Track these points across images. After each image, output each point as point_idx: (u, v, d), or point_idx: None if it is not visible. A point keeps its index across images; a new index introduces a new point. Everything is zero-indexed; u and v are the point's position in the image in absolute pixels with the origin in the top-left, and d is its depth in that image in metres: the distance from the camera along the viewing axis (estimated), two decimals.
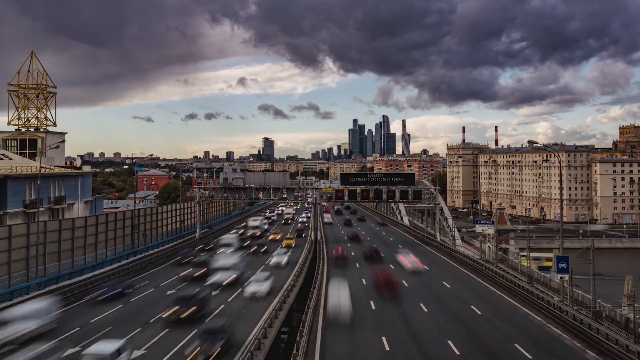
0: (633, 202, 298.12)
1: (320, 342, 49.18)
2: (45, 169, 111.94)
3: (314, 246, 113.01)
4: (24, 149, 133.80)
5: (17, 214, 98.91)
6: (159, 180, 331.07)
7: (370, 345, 48.58)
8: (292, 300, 66.18)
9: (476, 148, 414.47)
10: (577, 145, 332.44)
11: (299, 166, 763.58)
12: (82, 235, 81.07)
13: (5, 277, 62.36)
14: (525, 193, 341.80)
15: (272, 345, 49.11)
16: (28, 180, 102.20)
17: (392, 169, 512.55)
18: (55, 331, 50.11)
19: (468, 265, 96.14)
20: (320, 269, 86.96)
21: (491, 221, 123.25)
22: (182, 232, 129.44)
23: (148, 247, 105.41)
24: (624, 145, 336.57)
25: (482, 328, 55.06)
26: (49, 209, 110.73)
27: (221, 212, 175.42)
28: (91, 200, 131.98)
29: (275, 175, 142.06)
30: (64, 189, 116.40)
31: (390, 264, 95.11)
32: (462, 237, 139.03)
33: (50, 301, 53.57)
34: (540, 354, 46.91)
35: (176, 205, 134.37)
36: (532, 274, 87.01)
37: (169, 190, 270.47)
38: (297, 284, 74.32)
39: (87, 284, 71.82)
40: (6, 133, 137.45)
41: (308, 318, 53.85)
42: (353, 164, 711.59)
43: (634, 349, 44.89)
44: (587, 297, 66.53)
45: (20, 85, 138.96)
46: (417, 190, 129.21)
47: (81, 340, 47.37)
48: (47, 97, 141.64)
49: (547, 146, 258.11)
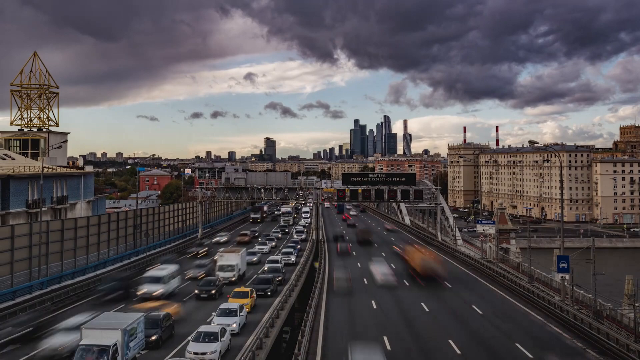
0: (633, 202, 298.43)
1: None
2: (48, 169, 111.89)
3: (316, 246, 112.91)
4: (26, 149, 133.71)
5: (19, 213, 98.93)
6: (161, 180, 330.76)
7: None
8: (294, 300, 66.18)
9: (477, 148, 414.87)
10: (577, 145, 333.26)
11: (301, 166, 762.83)
12: (84, 235, 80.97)
13: (8, 277, 62.28)
14: (526, 193, 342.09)
15: (274, 345, 49.06)
16: (31, 180, 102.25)
17: (394, 169, 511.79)
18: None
19: (469, 264, 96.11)
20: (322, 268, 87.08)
21: (492, 221, 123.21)
22: (184, 232, 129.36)
23: (150, 246, 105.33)
24: (625, 145, 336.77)
25: (483, 327, 55.07)
26: (52, 209, 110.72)
27: (223, 212, 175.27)
28: (93, 200, 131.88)
29: (277, 175, 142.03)
30: (66, 189, 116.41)
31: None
32: (463, 237, 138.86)
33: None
34: (541, 353, 46.87)
35: (178, 205, 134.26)
36: (533, 274, 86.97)
37: (171, 190, 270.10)
38: (299, 283, 74.28)
39: (89, 283, 71.76)
40: (9, 133, 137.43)
41: (310, 317, 53.85)
42: (354, 163, 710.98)
43: (634, 348, 44.85)
44: (588, 297, 66.45)
45: (23, 86, 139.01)
46: (419, 190, 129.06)
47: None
48: (50, 97, 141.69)
49: (547, 146, 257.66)
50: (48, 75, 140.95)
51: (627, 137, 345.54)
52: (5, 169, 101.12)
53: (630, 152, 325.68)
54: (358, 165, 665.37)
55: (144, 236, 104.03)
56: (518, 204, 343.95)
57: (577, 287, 71.34)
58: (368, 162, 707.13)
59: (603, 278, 73.38)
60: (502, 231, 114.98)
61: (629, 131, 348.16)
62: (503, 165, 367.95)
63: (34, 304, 58.33)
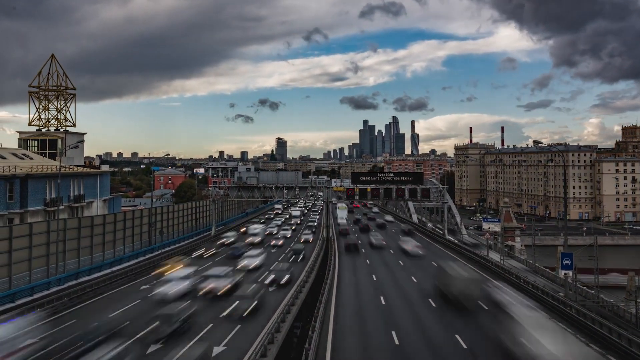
0: (635, 200, 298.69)
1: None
2: (65, 169, 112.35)
3: (326, 244, 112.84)
4: (44, 149, 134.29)
5: (37, 212, 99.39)
6: (175, 179, 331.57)
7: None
8: (305, 295, 66.07)
9: (483, 148, 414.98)
10: (581, 145, 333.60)
11: (311, 166, 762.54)
12: (100, 233, 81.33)
13: (27, 274, 62.63)
14: (530, 191, 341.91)
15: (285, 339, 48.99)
16: (48, 179, 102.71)
17: (402, 168, 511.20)
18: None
19: (475, 261, 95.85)
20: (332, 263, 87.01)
21: (497, 219, 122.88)
22: (198, 230, 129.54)
23: (164, 244, 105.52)
24: (626, 145, 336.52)
25: (489, 322, 54.84)
26: (69, 207, 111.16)
27: (235, 210, 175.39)
28: (109, 199, 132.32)
29: (288, 175, 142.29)
30: (83, 188, 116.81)
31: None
32: (469, 234, 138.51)
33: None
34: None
35: (192, 203, 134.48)
36: (537, 270, 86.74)
37: (185, 189, 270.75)
38: (310, 279, 74.16)
39: (105, 280, 71.92)
40: (27, 133, 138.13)
41: (320, 312, 53.77)
42: (364, 163, 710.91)
43: (636, 342, 44.67)
44: (591, 293, 66.17)
45: (41, 87, 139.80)
46: (426, 189, 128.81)
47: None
48: (67, 99, 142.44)
49: (551, 146, 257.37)
50: (65, 77, 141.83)
51: (628, 137, 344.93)
52: (23, 169, 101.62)
53: (632, 152, 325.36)
54: (367, 165, 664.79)
55: (159, 234, 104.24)
56: (523, 203, 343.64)
57: (580, 283, 71.08)
58: (377, 161, 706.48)
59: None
60: (507, 229, 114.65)
61: (630, 132, 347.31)
62: (508, 164, 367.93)
63: (52, 299, 58.41)
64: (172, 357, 39.31)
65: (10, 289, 58.52)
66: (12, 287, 59.34)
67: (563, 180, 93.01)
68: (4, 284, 58.68)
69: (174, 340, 45.07)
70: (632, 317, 55.10)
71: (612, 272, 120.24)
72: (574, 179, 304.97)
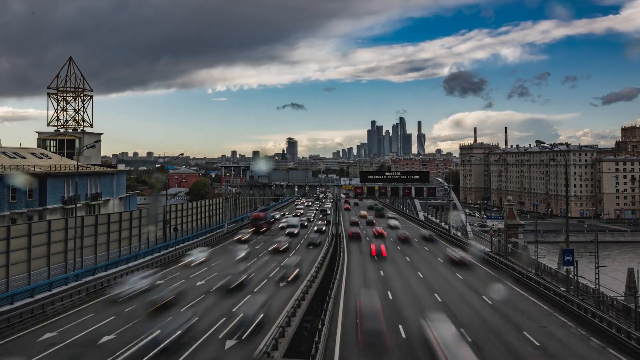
0: (635, 198, 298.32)
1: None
2: (83, 168, 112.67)
3: (334, 240, 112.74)
4: (62, 148, 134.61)
5: (56, 209, 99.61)
6: (189, 178, 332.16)
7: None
8: (314, 290, 66.04)
9: (487, 148, 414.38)
10: (582, 145, 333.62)
11: (321, 165, 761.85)
12: (116, 230, 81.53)
13: (45, 269, 62.77)
14: (533, 190, 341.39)
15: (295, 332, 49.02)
16: (66, 178, 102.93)
17: (409, 167, 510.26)
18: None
19: (479, 257, 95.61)
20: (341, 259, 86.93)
21: (501, 216, 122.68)
22: (211, 227, 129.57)
23: (179, 240, 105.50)
24: (626, 145, 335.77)
25: (492, 316, 54.75)
26: (86, 205, 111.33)
27: (247, 208, 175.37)
28: (125, 197, 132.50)
29: (298, 173, 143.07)
30: (100, 186, 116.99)
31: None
32: (473, 231, 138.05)
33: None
34: (547, 340, 46.56)
35: (205, 201, 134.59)
36: (540, 266, 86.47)
37: (199, 188, 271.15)
38: (319, 275, 74.12)
39: (122, 275, 72.00)
40: (46, 134, 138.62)
41: (329, 307, 53.72)
42: (372, 162, 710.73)
43: (635, 335, 44.54)
44: (592, 288, 65.99)
45: (59, 89, 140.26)
46: (432, 187, 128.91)
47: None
48: (84, 100, 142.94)
49: (553, 146, 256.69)
50: (83, 79, 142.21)
51: (628, 137, 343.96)
52: (42, 168, 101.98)
53: (632, 152, 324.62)
54: (375, 164, 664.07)
55: (173, 230, 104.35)
56: (526, 201, 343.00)
57: (581, 279, 70.82)
58: (384, 161, 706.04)
59: (605, 270, 72.71)
60: (510, 226, 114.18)
61: (630, 132, 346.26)
62: (512, 164, 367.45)
63: (70, 294, 58.51)
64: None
65: (29, 284, 58.61)
66: (32, 282, 59.46)
67: (565, 179, 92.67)
68: (23, 279, 58.80)
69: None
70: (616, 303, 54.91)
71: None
72: (575, 178, 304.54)
